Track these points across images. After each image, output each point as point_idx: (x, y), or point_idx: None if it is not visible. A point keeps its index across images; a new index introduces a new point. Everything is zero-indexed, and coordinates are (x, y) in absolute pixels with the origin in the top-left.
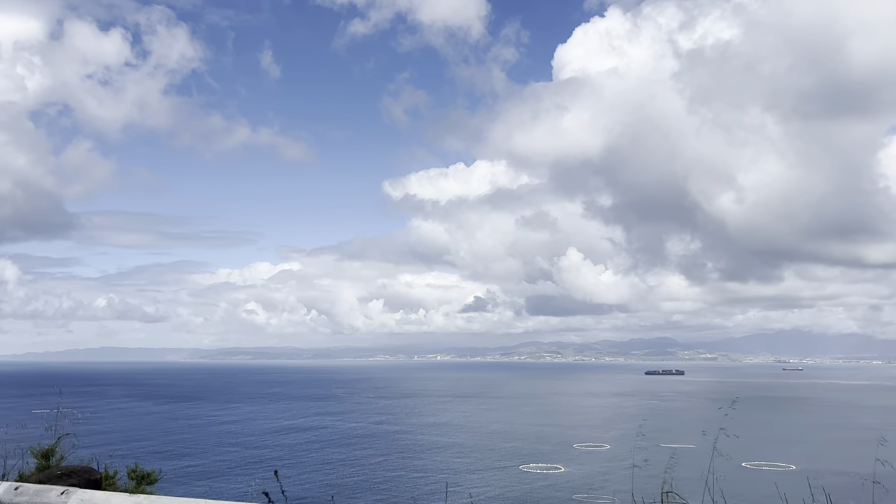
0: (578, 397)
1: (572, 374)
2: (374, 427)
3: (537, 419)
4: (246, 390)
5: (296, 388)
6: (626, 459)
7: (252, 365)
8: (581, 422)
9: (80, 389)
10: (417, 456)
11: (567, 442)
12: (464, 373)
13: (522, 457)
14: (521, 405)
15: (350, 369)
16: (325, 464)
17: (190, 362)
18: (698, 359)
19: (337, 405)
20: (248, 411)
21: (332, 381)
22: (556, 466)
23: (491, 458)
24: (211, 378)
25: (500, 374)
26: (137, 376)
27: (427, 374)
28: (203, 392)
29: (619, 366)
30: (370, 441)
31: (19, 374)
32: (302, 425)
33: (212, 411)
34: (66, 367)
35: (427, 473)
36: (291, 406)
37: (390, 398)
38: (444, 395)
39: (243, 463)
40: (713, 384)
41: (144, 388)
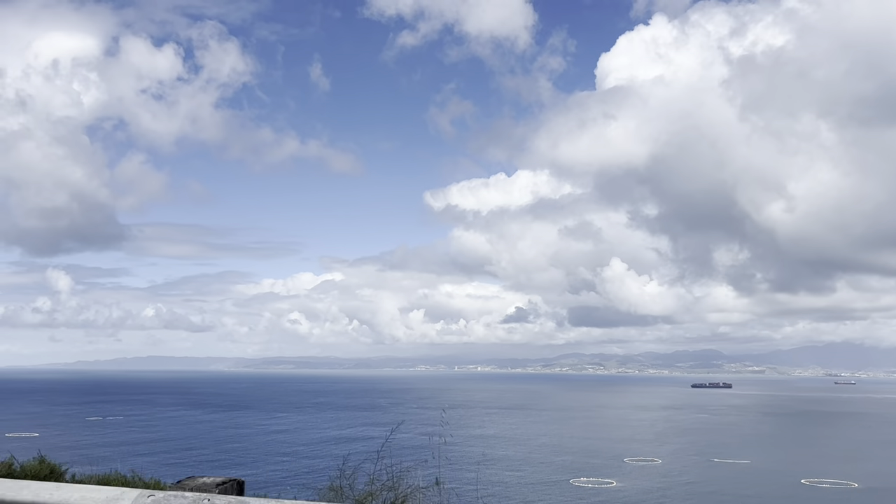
0: (626, 410)
1: (617, 387)
2: (422, 438)
3: (586, 432)
4: (292, 400)
5: (340, 398)
6: (681, 475)
7: (295, 374)
8: (631, 435)
9: (130, 398)
10: (468, 468)
11: (617, 456)
12: (506, 384)
13: (573, 471)
14: (568, 418)
15: (392, 379)
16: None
17: (234, 371)
18: (745, 372)
19: (382, 416)
20: (296, 421)
21: (375, 391)
22: (608, 481)
23: (542, 471)
24: (256, 387)
25: (543, 385)
26: (185, 385)
27: (469, 385)
28: (250, 401)
29: (664, 378)
30: (419, 453)
31: (71, 381)
32: (351, 435)
33: (261, 420)
34: (116, 376)
35: (479, 486)
36: (338, 416)
37: (435, 409)
38: (489, 407)
39: (296, 473)
40: (764, 398)
41: (193, 396)
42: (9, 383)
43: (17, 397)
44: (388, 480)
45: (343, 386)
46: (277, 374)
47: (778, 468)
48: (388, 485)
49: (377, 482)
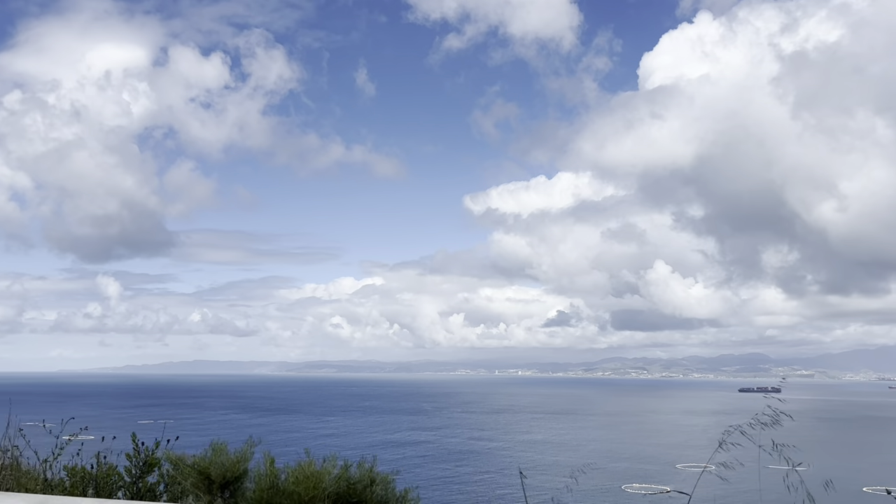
0: (675, 415)
1: (663, 391)
2: (472, 443)
3: (636, 438)
4: (338, 403)
5: (385, 401)
6: (737, 481)
7: (338, 378)
8: (683, 441)
9: (179, 401)
10: (525, 473)
11: (670, 461)
12: (549, 388)
13: (626, 477)
14: (617, 423)
15: (433, 383)
16: (432, 480)
17: (278, 375)
18: (793, 375)
19: (428, 420)
20: (344, 425)
21: (418, 395)
22: (662, 488)
23: (595, 477)
24: (302, 391)
25: (587, 390)
26: (231, 388)
27: (512, 389)
28: (297, 405)
29: (710, 382)
30: (470, 457)
31: (121, 385)
32: (399, 440)
33: (309, 424)
34: (163, 380)
35: (533, 493)
36: (384, 420)
37: (479, 413)
38: (536, 412)
39: None
40: (817, 402)
41: (240, 400)
42: (63, 387)
43: (71, 400)
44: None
45: (386, 390)
46: (320, 378)
47: (837, 475)
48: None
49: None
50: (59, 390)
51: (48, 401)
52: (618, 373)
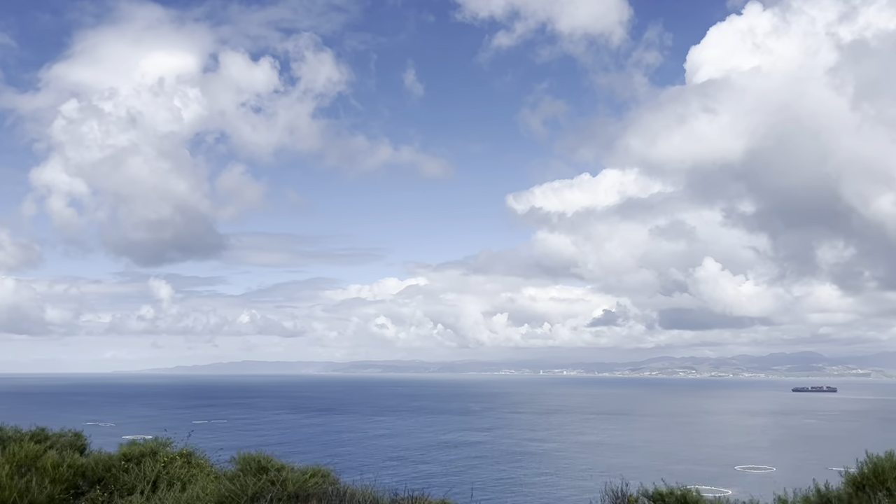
0: (731, 416)
1: (715, 391)
2: (528, 444)
3: (694, 439)
4: (387, 403)
5: (433, 401)
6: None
7: (383, 378)
8: (742, 442)
9: (231, 401)
10: (582, 476)
11: (728, 463)
12: (597, 388)
13: (685, 479)
14: (673, 424)
15: (479, 383)
16: (490, 482)
17: (324, 375)
18: (848, 374)
19: (478, 420)
20: (395, 425)
21: (465, 395)
22: (723, 490)
23: (654, 480)
24: (349, 391)
25: (636, 390)
26: (280, 389)
27: (559, 389)
28: (347, 405)
29: (761, 382)
30: (528, 459)
31: (174, 386)
32: (454, 440)
33: (361, 424)
34: (214, 380)
35: (596, 494)
36: (434, 420)
37: (529, 413)
38: (587, 412)
39: (411, 478)
40: (877, 402)
41: (290, 400)
42: (119, 388)
43: (128, 401)
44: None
45: (432, 390)
46: (366, 378)
47: None
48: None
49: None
50: (116, 391)
51: (107, 401)
52: (665, 373)
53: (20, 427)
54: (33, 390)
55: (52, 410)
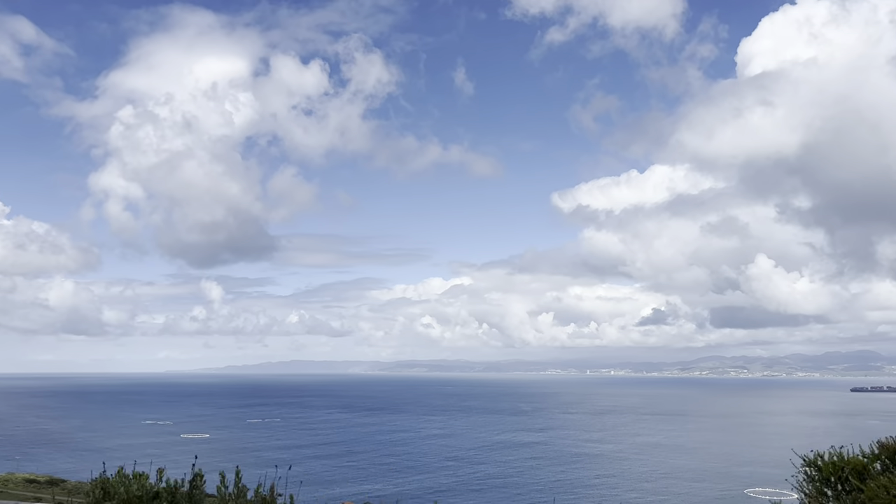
0: (792, 416)
1: (770, 391)
2: (585, 445)
3: (755, 440)
4: (437, 403)
5: (482, 401)
6: None
7: (430, 377)
8: (805, 444)
9: (283, 400)
10: (647, 478)
11: (789, 465)
12: (648, 388)
13: (749, 481)
14: (731, 425)
15: (526, 383)
16: (555, 484)
17: (371, 374)
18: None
19: (531, 420)
20: (448, 425)
21: (514, 395)
22: (787, 493)
23: (718, 481)
24: (398, 390)
25: (689, 390)
26: (330, 388)
27: (610, 389)
28: (397, 404)
29: (817, 382)
30: (587, 461)
31: (226, 385)
32: (508, 441)
33: (414, 424)
34: (264, 380)
35: (665, 496)
36: (486, 420)
37: (582, 414)
38: (641, 413)
39: (471, 479)
40: None
41: (341, 399)
42: (173, 387)
43: (184, 400)
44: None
45: (480, 389)
46: (413, 377)
47: None
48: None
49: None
50: (171, 390)
51: (164, 401)
52: (716, 372)
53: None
54: (92, 389)
55: (112, 409)
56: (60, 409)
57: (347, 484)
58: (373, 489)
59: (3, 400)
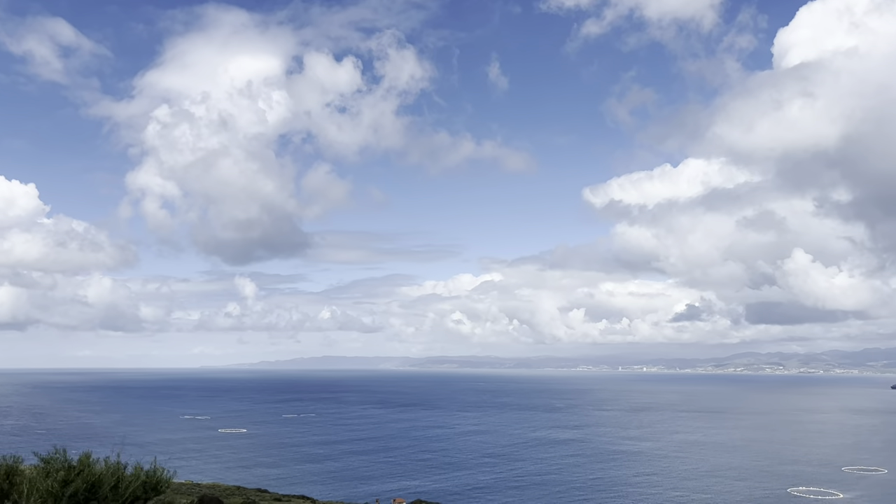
0: (834, 414)
1: (809, 388)
2: (623, 443)
3: (799, 438)
4: (470, 399)
5: (516, 398)
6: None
7: (461, 373)
8: (850, 442)
9: (317, 395)
10: (689, 476)
11: (833, 463)
12: (684, 385)
13: (792, 480)
14: (772, 423)
15: (558, 380)
16: (595, 482)
17: (402, 370)
18: None
19: (566, 417)
20: (483, 421)
21: (546, 391)
22: (832, 492)
23: (761, 479)
24: (430, 386)
25: (725, 386)
26: (362, 383)
27: (644, 386)
28: (431, 400)
29: (855, 378)
30: (626, 459)
31: (260, 381)
32: (546, 438)
33: (449, 420)
34: (297, 375)
35: (709, 495)
36: (521, 417)
37: (618, 411)
38: (679, 410)
39: (510, 477)
40: None
41: (375, 394)
42: (209, 382)
43: (220, 395)
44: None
45: (513, 386)
46: (443, 374)
47: None
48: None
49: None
50: (206, 385)
51: (201, 396)
52: (751, 369)
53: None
54: (130, 384)
55: (151, 404)
56: (101, 403)
57: (386, 480)
58: (412, 486)
59: (45, 394)
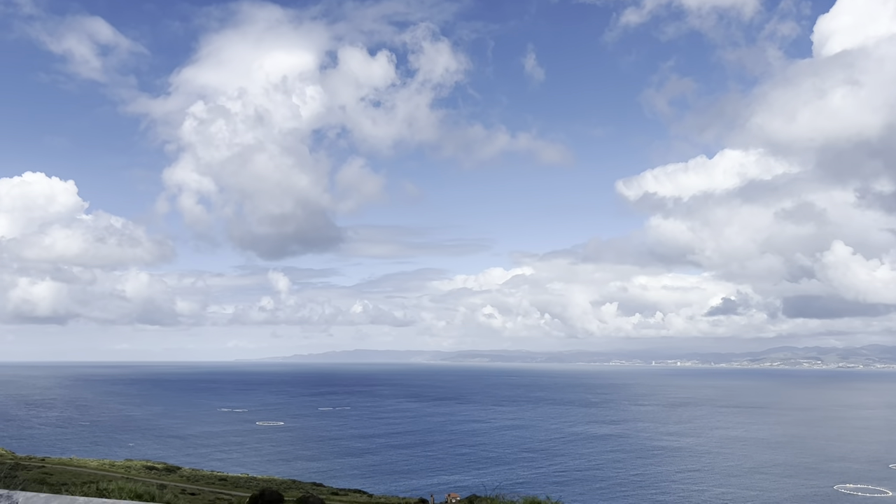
0: (880, 410)
1: (851, 383)
2: (664, 439)
3: (842, 434)
4: (504, 393)
5: (551, 392)
6: None
7: (492, 367)
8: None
9: (351, 388)
10: (733, 472)
11: (881, 461)
12: (721, 380)
13: (838, 477)
14: (814, 418)
15: (591, 374)
16: (638, 478)
17: (433, 364)
18: None
19: (603, 412)
20: (520, 416)
21: (581, 386)
22: (881, 490)
23: (806, 476)
24: (463, 380)
25: (763, 381)
26: (395, 377)
27: (680, 380)
28: (465, 394)
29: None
30: (669, 455)
31: (294, 374)
32: (585, 433)
33: (485, 414)
34: (330, 368)
35: (755, 492)
36: (558, 411)
37: (656, 406)
38: (718, 405)
39: (552, 472)
40: None
41: (408, 388)
42: (244, 375)
43: (256, 388)
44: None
45: (547, 380)
46: (475, 367)
47: None
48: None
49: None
50: (242, 378)
51: (237, 389)
52: (788, 363)
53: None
54: (167, 378)
55: (189, 397)
56: (141, 396)
57: (427, 475)
58: (453, 480)
59: (87, 387)
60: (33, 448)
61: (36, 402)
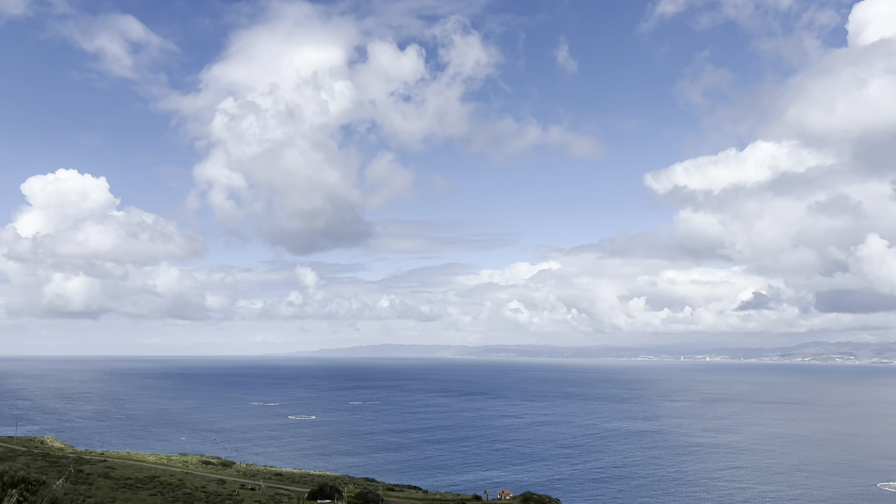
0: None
1: (886, 379)
2: (702, 435)
3: (888, 431)
4: (536, 389)
5: (582, 387)
6: None
7: (519, 362)
8: None
9: (379, 383)
10: (775, 470)
11: None
12: (753, 375)
13: (883, 475)
14: (856, 415)
15: (620, 369)
16: (678, 475)
17: (460, 359)
18: None
19: (636, 408)
20: (553, 411)
21: (611, 381)
22: None
23: (849, 474)
24: (491, 374)
25: (797, 377)
26: (423, 371)
27: (712, 376)
28: (495, 389)
29: None
30: (708, 451)
31: (323, 368)
32: (620, 429)
33: (518, 409)
34: (358, 363)
35: (799, 490)
36: (591, 407)
37: (688, 402)
38: (755, 401)
39: (590, 469)
40: None
41: (436, 382)
42: (273, 370)
43: (287, 383)
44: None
45: (576, 376)
46: (502, 362)
47: None
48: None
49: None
50: (272, 372)
51: (268, 383)
52: (820, 359)
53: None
54: (198, 371)
55: (221, 391)
56: (173, 390)
57: (465, 470)
58: (490, 476)
59: (120, 381)
60: (74, 440)
61: (73, 396)
